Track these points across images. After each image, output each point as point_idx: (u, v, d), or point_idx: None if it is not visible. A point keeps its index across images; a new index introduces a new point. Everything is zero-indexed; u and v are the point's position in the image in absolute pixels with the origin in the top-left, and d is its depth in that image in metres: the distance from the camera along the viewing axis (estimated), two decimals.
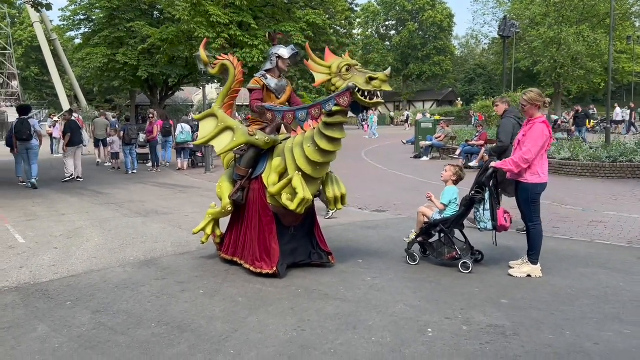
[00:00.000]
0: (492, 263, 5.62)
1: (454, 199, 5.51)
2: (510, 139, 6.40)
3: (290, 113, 5.07)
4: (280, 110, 5.17)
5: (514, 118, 6.87)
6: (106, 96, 49.62)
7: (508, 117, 6.92)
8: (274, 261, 5.10)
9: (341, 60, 4.75)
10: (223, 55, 5.99)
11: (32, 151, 11.86)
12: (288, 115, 5.09)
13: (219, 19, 17.80)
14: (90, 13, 27.50)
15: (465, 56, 74.28)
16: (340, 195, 5.27)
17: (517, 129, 6.35)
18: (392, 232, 7.20)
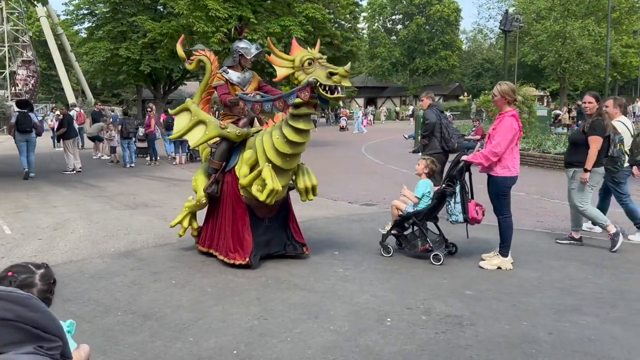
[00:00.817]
0: (466, 255, 5.67)
1: (427, 192, 5.55)
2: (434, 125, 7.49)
3: (259, 104, 5.15)
4: (250, 100, 5.25)
5: (436, 110, 7.72)
6: (113, 90, 49.96)
7: (431, 109, 7.74)
8: (246, 252, 5.18)
9: (305, 53, 4.79)
10: (200, 51, 6.08)
11: (31, 143, 12.35)
12: (256, 106, 5.16)
13: (218, 14, 17.88)
14: (93, 7, 27.69)
15: (473, 50, 73.78)
16: (311, 186, 5.32)
17: (439, 117, 7.57)
18: (376, 225, 7.23)
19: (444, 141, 7.38)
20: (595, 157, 5.66)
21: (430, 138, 7.50)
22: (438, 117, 7.47)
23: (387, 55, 58.23)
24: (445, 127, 7.43)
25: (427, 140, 7.56)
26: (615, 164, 5.98)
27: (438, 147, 7.41)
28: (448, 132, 7.42)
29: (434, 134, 7.40)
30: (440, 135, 7.36)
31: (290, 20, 19.42)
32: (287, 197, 5.60)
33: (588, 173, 5.72)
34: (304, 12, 20.20)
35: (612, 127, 5.84)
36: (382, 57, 58.30)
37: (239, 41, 5.92)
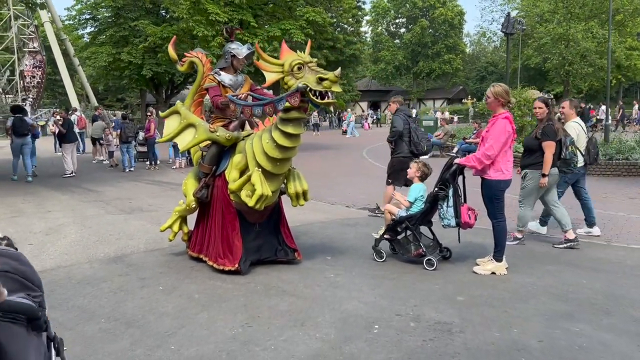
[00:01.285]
0: (460, 260, 5.57)
1: (420, 196, 5.46)
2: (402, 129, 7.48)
3: (249, 108, 5.08)
4: (240, 104, 5.18)
5: (403, 115, 7.66)
6: (117, 95, 50.17)
7: (398, 114, 7.64)
8: (236, 258, 5.10)
9: (294, 57, 4.71)
10: (192, 52, 6.02)
11: (28, 146, 12.60)
12: (246, 110, 5.09)
13: (218, 17, 17.83)
14: (95, 12, 27.73)
15: (477, 54, 73.64)
16: (302, 191, 5.24)
17: (407, 122, 7.56)
18: (371, 229, 7.15)
19: (413, 145, 7.49)
20: (551, 161, 5.88)
21: (398, 142, 7.61)
22: (406, 122, 7.62)
23: (390, 59, 58.17)
24: (414, 131, 7.56)
25: (393, 145, 7.71)
26: (569, 166, 6.15)
27: (406, 151, 7.53)
28: (417, 135, 7.55)
29: (402, 138, 7.55)
30: (408, 139, 7.49)
31: (291, 24, 19.38)
32: (279, 201, 5.52)
33: (546, 177, 5.91)
34: (304, 15, 20.16)
35: (562, 130, 6.02)
36: (386, 60, 58.25)
37: (230, 42, 5.86)
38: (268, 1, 21.47)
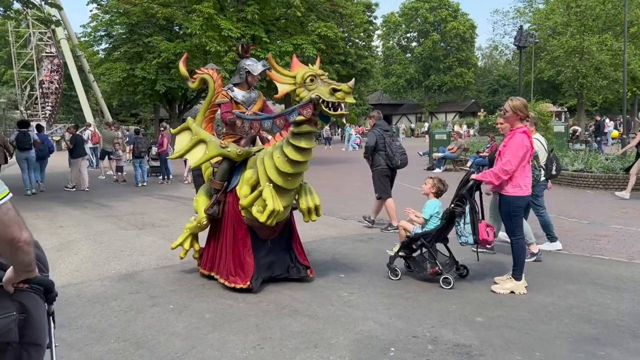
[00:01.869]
0: (477, 279, 5.42)
1: (435, 212, 5.33)
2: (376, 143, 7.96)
3: (257, 122, 5.00)
4: (248, 119, 5.11)
5: (379, 130, 8.05)
6: (131, 110, 50.66)
7: (374, 129, 8.09)
8: (247, 275, 5.00)
9: (306, 70, 4.65)
10: (202, 69, 5.98)
11: (31, 161, 12.86)
12: (255, 124, 5.01)
13: (231, 33, 17.96)
14: (110, 29, 28.09)
15: (489, 67, 73.45)
16: (314, 207, 5.14)
17: (383, 137, 7.97)
18: (385, 245, 7.01)
19: (388, 158, 7.87)
20: None
21: (375, 156, 8.01)
22: (381, 136, 7.95)
23: (402, 73, 58.24)
24: (388, 146, 7.88)
25: (369, 160, 8.14)
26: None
27: (384, 164, 7.93)
28: (392, 150, 7.87)
29: (378, 151, 7.94)
30: (384, 152, 7.86)
31: (303, 39, 19.45)
32: (291, 217, 5.43)
33: None
34: (316, 30, 20.22)
35: None
36: (397, 74, 58.32)
37: (245, 59, 5.83)
38: (280, 17, 21.61)
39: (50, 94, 48.73)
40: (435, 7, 57.16)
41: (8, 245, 1.83)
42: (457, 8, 58.42)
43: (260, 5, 19.09)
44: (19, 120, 14.61)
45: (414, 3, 58.17)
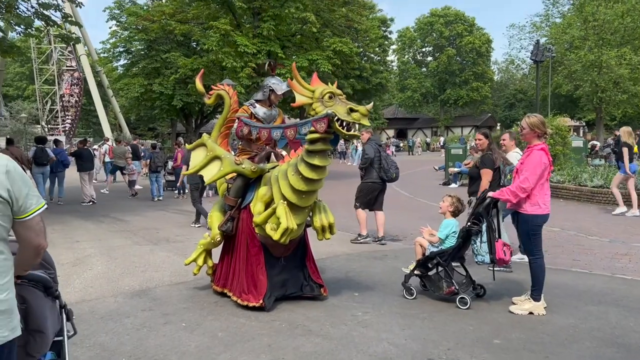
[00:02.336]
0: (495, 298, 5.30)
1: (452, 232, 5.24)
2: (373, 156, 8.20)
3: (266, 130, 4.97)
4: (255, 126, 5.08)
5: (374, 144, 8.36)
6: (148, 124, 51.34)
7: (370, 143, 8.35)
8: (260, 293, 4.95)
9: (325, 87, 4.65)
10: (219, 85, 6.01)
11: (45, 174, 13.64)
12: (263, 132, 4.97)
13: (247, 49, 18.14)
14: (129, 45, 28.61)
15: (505, 81, 73.08)
16: (328, 225, 5.09)
17: (378, 151, 8.27)
18: (400, 263, 6.92)
19: (383, 171, 8.13)
20: (487, 187, 6.12)
21: (368, 169, 8.25)
22: (377, 151, 8.23)
23: (417, 87, 58.25)
24: (384, 159, 8.19)
25: (363, 172, 8.38)
26: None
27: (376, 177, 8.16)
28: (387, 163, 8.18)
29: (372, 165, 8.18)
30: (379, 166, 8.10)
31: (318, 54, 19.56)
32: (305, 235, 5.38)
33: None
34: (331, 46, 20.33)
35: (502, 159, 6.48)
36: (413, 88, 58.34)
37: (270, 77, 5.86)
38: (296, 33, 21.78)
39: (70, 107, 49.75)
40: (450, 21, 57.25)
41: (34, 250, 2.18)
42: (472, 22, 58.43)
43: (276, 22, 19.28)
44: (37, 137, 15.29)
45: (429, 18, 58.34)
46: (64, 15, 13.88)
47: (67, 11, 15.47)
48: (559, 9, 39.19)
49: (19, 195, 2.06)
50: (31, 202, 2.10)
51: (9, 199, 2.03)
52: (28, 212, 2.09)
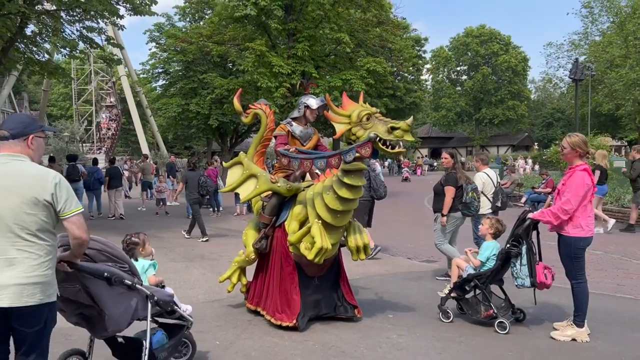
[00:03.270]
0: (535, 323, 5.12)
1: (492, 255, 5.11)
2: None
3: (308, 161, 4.98)
4: (296, 157, 5.10)
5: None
6: (185, 143, 52.43)
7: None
8: (294, 313, 4.93)
9: (361, 108, 4.64)
10: (255, 104, 6.09)
11: (79, 191, 14.08)
12: (306, 163, 4.99)
13: (282, 69, 18.36)
14: (167, 66, 29.39)
15: (542, 100, 71.82)
16: (363, 245, 5.04)
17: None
18: (436, 285, 6.81)
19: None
20: (450, 203, 6.74)
21: None
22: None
23: (452, 106, 57.77)
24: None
25: None
26: (469, 209, 6.81)
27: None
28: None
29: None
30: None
31: (352, 74, 19.64)
32: (339, 255, 5.35)
33: (445, 217, 6.81)
34: (365, 65, 20.41)
35: (465, 178, 6.89)
36: (447, 107, 57.89)
37: (304, 95, 5.94)
38: (330, 53, 21.97)
39: (107, 139, 51.52)
40: (485, 40, 56.81)
41: (75, 240, 2.90)
42: (508, 41, 57.85)
43: (310, 42, 19.50)
44: (68, 155, 16.43)
45: (464, 37, 58.05)
46: (106, 38, 14.39)
47: (110, 34, 16.04)
48: (599, 26, 38.40)
49: (59, 200, 2.80)
50: (70, 205, 2.82)
51: (52, 202, 2.78)
52: (67, 212, 2.81)
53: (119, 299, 3.25)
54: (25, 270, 2.72)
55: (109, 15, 13.04)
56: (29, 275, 2.73)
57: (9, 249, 2.71)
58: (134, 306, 3.34)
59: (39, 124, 3.01)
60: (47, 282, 2.80)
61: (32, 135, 2.89)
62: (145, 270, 4.03)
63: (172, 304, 3.72)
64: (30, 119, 3.06)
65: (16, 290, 2.69)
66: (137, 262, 3.94)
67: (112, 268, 3.25)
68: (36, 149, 2.93)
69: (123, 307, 3.27)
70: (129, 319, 3.35)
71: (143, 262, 4.03)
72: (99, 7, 11.96)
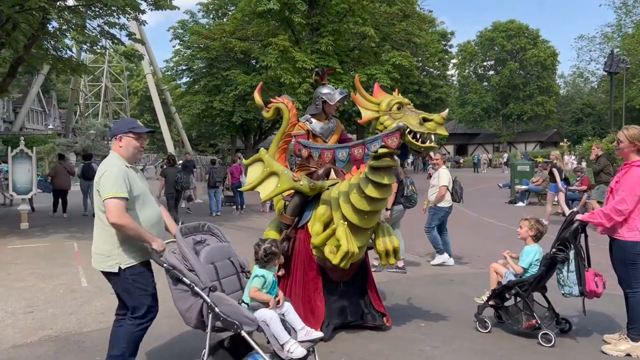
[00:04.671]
0: (583, 335, 4.67)
1: (535, 260, 4.67)
2: None
3: (329, 151, 4.58)
4: (317, 148, 4.71)
5: None
6: (209, 141, 52.66)
7: None
8: (318, 321, 4.56)
9: (392, 97, 4.24)
10: (277, 98, 5.73)
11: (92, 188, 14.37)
12: (326, 154, 4.59)
13: (305, 65, 18.06)
14: (191, 63, 29.38)
15: (572, 95, 69.98)
16: (393, 249, 4.65)
17: None
18: (469, 289, 6.37)
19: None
20: (393, 197, 7.05)
21: None
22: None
23: (478, 101, 56.70)
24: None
25: None
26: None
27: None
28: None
29: None
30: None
31: (377, 69, 19.21)
32: (366, 258, 4.97)
33: (389, 211, 7.22)
34: (390, 60, 19.95)
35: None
36: (473, 103, 56.83)
37: (321, 87, 5.52)
38: (354, 47, 21.57)
39: None
40: (512, 35, 55.51)
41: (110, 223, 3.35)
42: (536, 35, 56.44)
43: (334, 37, 19.13)
44: (84, 154, 17.49)
45: (491, 32, 56.84)
46: (128, 34, 14.26)
47: (132, 30, 15.93)
48: (633, 18, 37.15)
49: (101, 187, 3.40)
50: (107, 192, 3.35)
51: (97, 188, 3.44)
52: (104, 196, 3.36)
53: (181, 295, 3.38)
54: (94, 242, 3.52)
55: (131, 10, 12.87)
56: (95, 246, 3.52)
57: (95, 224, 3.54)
58: (199, 309, 3.32)
59: (129, 126, 3.63)
60: (103, 255, 3.45)
61: (120, 135, 3.59)
62: (252, 280, 3.65)
63: (237, 326, 3.24)
64: (123, 122, 3.79)
65: (94, 257, 3.52)
66: (266, 272, 3.58)
67: (177, 262, 3.36)
68: (125, 147, 3.59)
69: (188, 305, 3.36)
70: (194, 319, 3.38)
71: (264, 272, 3.58)
72: (120, 1, 11.79)
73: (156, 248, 3.43)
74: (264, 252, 3.53)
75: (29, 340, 4.75)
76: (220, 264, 3.62)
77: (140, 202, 3.54)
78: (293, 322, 3.52)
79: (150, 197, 3.65)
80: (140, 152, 3.70)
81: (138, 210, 3.50)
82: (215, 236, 3.79)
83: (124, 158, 3.58)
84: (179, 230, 3.55)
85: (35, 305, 5.88)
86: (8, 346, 4.61)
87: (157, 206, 3.74)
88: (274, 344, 3.26)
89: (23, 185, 12.69)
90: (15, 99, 46.55)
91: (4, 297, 6.29)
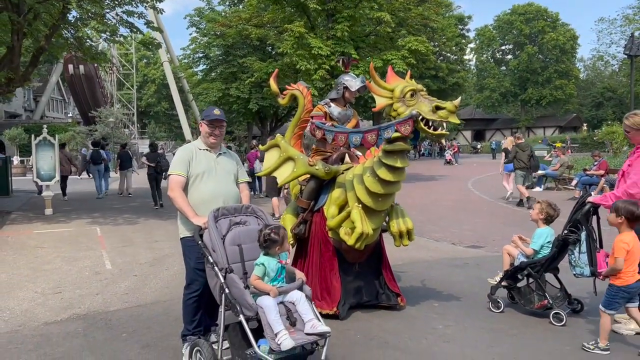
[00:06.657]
0: (594, 315, 4.73)
1: (546, 242, 4.74)
2: None
3: (343, 135, 4.69)
4: (330, 130, 4.82)
5: None
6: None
7: None
8: (334, 301, 4.73)
9: (406, 84, 4.33)
10: (292, 85, 5.84)
11: (101, 172, 16.83)
12: (340, 137, 4.70)
13: (321, 51, 18.03)
14: (208, 51, 29.53)
15: (592, 79, 68.69)
16: (406, 230, 4.77)
17: None
18: (483, 272, 6.46)
19: None
20: None
21: None
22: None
23: (496, 86, 56.03)
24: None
25: None
26: None
27: None
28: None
29: None
30: None
31: (393, 54, 19.12)
32: (380, 240, 5.10)
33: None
34: (406, 45, 19.84)
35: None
36: (491, 88, 56.17)
37: (344, 74, 5.64)
38: (370, 33, 21.47)
39: None
40: (531, 18, 54.56)
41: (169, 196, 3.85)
42: (556, 18, 55.40)
43: (350, 23, 19.06)
44: (93, 141, 19.74)
45: (509, 15, 55.95)
46: (146, 22, 14.43)
47: (150, 18, 16.08)
48: None
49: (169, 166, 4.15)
50: (170, 169, 3.95)
51: None
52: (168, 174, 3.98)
53: (210, 273, 3.47)
54: None
55: None
56: None
57: None
58: (219, 287, 3.35)
59: (204, 114, 4.08)
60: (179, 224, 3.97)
61: (200, 121, 4.07)
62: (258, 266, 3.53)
63: (240, 311, 3.19)
64: (204, 111, 4.23)
65: None
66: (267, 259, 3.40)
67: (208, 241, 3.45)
68: (202, 132, 4.01)
69: (214, 283, 3.44)
70: (218, 297, 3.41)
71: (264, 260, 3.39)
72: None
73: (196, 223, 3.61)
74: (263, 238, 3.41)
75: (59, 318, 4.99)
76: (247, 246, 3.56)
77: (198, 180, 3.86)
78: (303, 313, 3.34)
79: (212, 177, 3.89)
80: (211, 137, 3.97)
81: (195, 186, 3.86)
82: (258, 218, 3.75)
83: (202, 142, 4.00)
84: (212, 211, 3.60)
85: (63, 286, 6.14)
86: (40, 323, 4.86)
87: (219, 185, 3.91)
88: (267, 332, 3.15)
89: (47, 172, 13.05)
90: (36, 88, 47.23)
91: (32, 278, 6.57)
